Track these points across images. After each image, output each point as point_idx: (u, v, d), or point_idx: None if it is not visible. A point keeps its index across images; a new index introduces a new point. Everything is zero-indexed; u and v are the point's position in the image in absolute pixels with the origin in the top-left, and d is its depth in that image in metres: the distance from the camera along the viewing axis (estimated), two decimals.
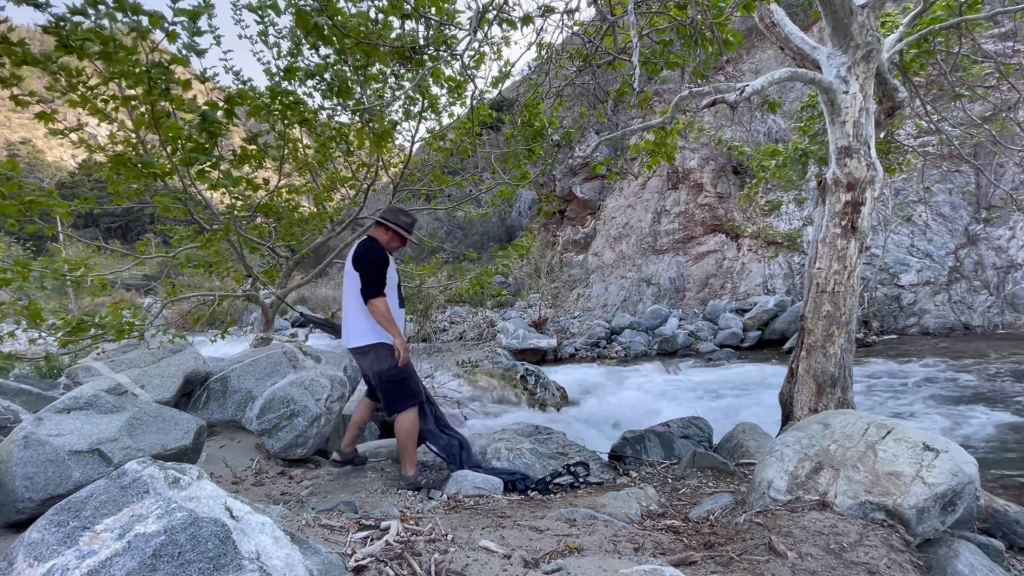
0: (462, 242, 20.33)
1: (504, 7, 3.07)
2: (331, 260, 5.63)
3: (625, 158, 6.47)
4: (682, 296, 14.17)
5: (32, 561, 1.01)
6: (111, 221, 35.51)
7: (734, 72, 15.50)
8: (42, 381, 4.68)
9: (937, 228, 11.05)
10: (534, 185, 17.58)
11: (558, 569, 1.50)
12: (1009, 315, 9.86)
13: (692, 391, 7.21)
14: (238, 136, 4.72)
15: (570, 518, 2.24)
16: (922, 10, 3.93)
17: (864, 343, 9.38)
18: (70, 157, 49.80)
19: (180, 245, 4.63)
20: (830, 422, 2.38)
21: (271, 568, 1.05)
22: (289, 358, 3.90)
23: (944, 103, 6.49)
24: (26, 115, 7.84)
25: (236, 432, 3.60)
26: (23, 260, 3.01)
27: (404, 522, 1.83)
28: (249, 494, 2.74)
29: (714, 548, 1.87)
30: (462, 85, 4.60)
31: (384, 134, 4.12)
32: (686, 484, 3.03)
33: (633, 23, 2.57)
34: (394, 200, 5.36)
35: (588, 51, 4.09)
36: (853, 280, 3.42)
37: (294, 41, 4.09)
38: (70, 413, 2.24)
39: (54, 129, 3.56)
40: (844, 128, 3.32)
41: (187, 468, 1.28)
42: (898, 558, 1.65)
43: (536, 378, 6.53)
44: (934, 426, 5.17)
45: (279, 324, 13.80)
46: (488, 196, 5.62)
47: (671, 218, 15.06)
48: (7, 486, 1.96)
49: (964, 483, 1.93)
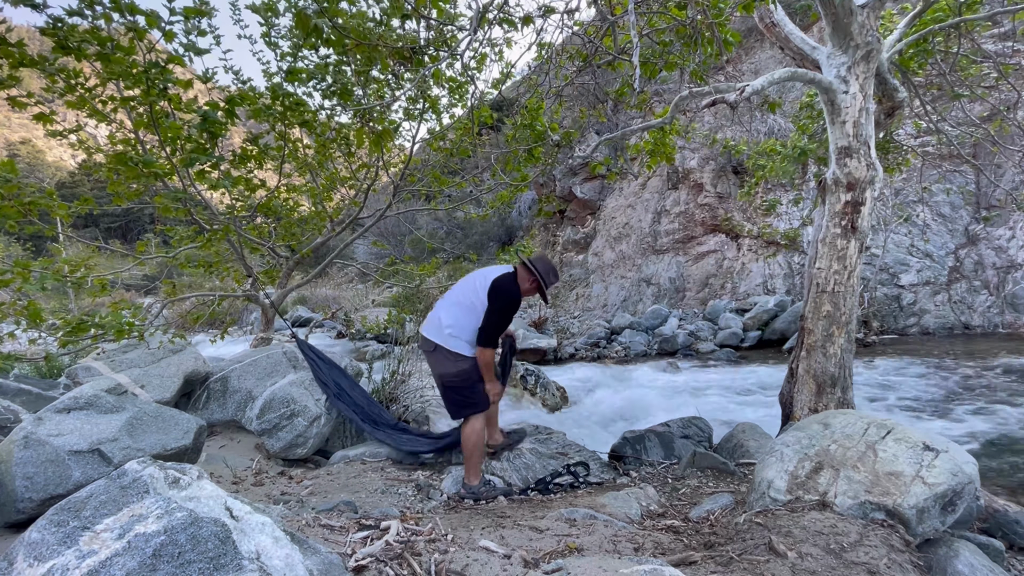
0: (462, 242, 20.33)
1: (504, 7, 3.07)
2: (331, 260, 5.63)
3: (625, 158, 6.47)
4: (682, 296, 14.17)
5: (32, 561, 1.01)
6: (111, 221, 35.52)
7: (734, 72, 15.49)
8: (42, 381, 4.67)
9: (937, 228, 11.05)
10: (534, 185, 17.59)
11: (558, 569, 1.50)
12: (1009, 315, 9.86)
13: (692, 391, 7.21)
14: (238, 136, 4.72)
15: (570, 518, 2.24)
16: (921, 10, 3.94)
17: (864, 343, 9.38)
18: (70, 157, 49.80)
19: (180, 245, 4.63)
20: (830, 422, 2.38)
21: (271, 568, 1.05)
22: (289, 358, 3.90)
23: (944, 103, 6.49)
24: (26, 115, 7.87)
25: (236, 432, 3.60)
26: (23, 261, 3.01)
27: (404, 522, 1.83)
28: (249, 494, 2.73)
29: (714, 548, 1.87)
30: (463, 86, 4.60)
31: (384, 133, 4.12)
32: (686, 484, 3.03)
33: (633, 23, 2.57)
34: (394, 200, 5.36)
35: (588, 51, 4.09)
36: (853, 280, 3.42)
37: (294, 42, 4.09)
38: (70, 413, 2.24)
39: (53, 130, 3.56)
40: (844, 128, 3.32)
41: (187, 468, 1.28)
42: (898, 558, 1.65)
43: (536, 378, 6.53)
44: (934, 426, 5.16)
45: (279, 324, 13.78)
46: (488, 197, 5.62)
47: (671, 218, 15.06)
48: (7, 486, 1.96)
49: (964, 483, 1.93)
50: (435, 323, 2.94)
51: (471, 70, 3.60)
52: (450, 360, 2.89)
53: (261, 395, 3.53)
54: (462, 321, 2.88)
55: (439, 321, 2.92)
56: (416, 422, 4.30)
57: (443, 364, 2.90)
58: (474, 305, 2.88)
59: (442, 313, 2.94)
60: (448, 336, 2.88)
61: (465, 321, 2.88)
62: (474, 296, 2.90)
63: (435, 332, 2.92)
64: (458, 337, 2.88)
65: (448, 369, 2.89)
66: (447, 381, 2.92)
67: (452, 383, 2.91)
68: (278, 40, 4.25)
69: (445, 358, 2.89)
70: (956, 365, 7.45)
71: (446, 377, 2.91)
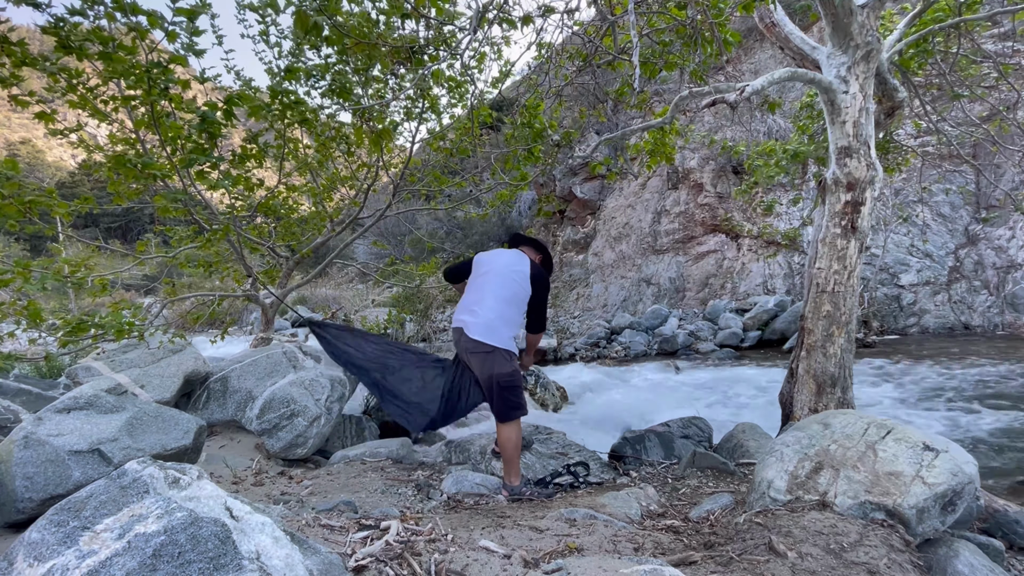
0: (462, 242, 20.32)
1: (504, 7, 3.08)
2: (331, 260, 5.63)
3: (625, 158, 6.48)
4: (682, 296, 14.17)
5: (32, 561, 1.01)
6: (111, 221, 35.52)
7: (734, 72, 15.49)
8: (42, 381, 4.67)
9: (937, 228, 11.05)
10: (534, 185, 17.59)
11: (558, 569, 1.50)
12: (1009, 315, 9.86)
13: (692, 391, 7.21)
14: (238, 136, 4.72)
15: (570, 518, 2.24)
16: (921, 10, 3.94)
17: (864, 343, 9.38)
18: (70, 157, 49.82)
19: (180, 245, 4.63)
20: (830, 422, 2.38)
21: (271, 568, 1.06)
22: (289, 358, 3.90)
23: (944, 103, 6.49)
24: (26, 115, 7.82)
25: (236, 432, 3.60)
26: (24, 260, 3.01)
27: (404, 522, 1.83)
28: (249, 494, 2.73)
29: (714, 548, 1.87)
30: (462, 85, 4.60)
31: (384, 133, 4.12)
32: (686, 484, 3.03)
33: (633, 23, 2.57)
34: (394, 200, 5.36)
35: (588, 51, 4.09)
36: (853, 280, 3.42)
37: (295, 41, 4.09)
38: (70, 413, 2.24)
39: (54, 129, 3.56)
40: (844, 128, 3.32)
41: (187, 468, 1.28)
42: (898, 558, 1.65)
43: (536, 378, 6.53)
44: (934, 426, 5.17)
45: (279, 324, 13.79)
46: (488, 197, 5.62)
47: (671, 218, 15.06)
48: (7, 486, 1.96)
49: (964, 483, 1.93)
50: (487, 325, 2.92)
51: (471, 69, 3.60)
52: (507, 360, 2.92)
53: (261, 395, 3.53)
54: (509, 317, 2.96)
55: (491, 323, 2.92)
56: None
57: (501, 364, 2.90)
58: (517, 296, 2.99)
59: (491, 315, 2.94)
60: (507, 338, 2.93)
61: (510, 316, 2.96)
62: (516, 288, 2.99)
63: (489, 334, 2.91)
64: (512, 336, 2.97)
65: (505, 369, 2.90)
66: (503, 381, 2.89)
67: (508, 383, 2.90)
68: (278, 40, 4.26)
69: (503, 358, 2.90)
70: (956, 365, 7.45)
71: (502, 377, 2.89)
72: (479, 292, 3.04)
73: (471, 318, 2.97)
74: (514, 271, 3.03)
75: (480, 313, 2.96)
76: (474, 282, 3.15)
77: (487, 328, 2.92)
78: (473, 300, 3.05)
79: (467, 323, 2.98)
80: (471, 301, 3.06)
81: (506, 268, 3.05)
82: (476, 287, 3.09)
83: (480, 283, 3.08)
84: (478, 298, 3.02)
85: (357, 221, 5.63)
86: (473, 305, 3.02)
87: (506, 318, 2.94)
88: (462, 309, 3.10)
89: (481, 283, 3.08)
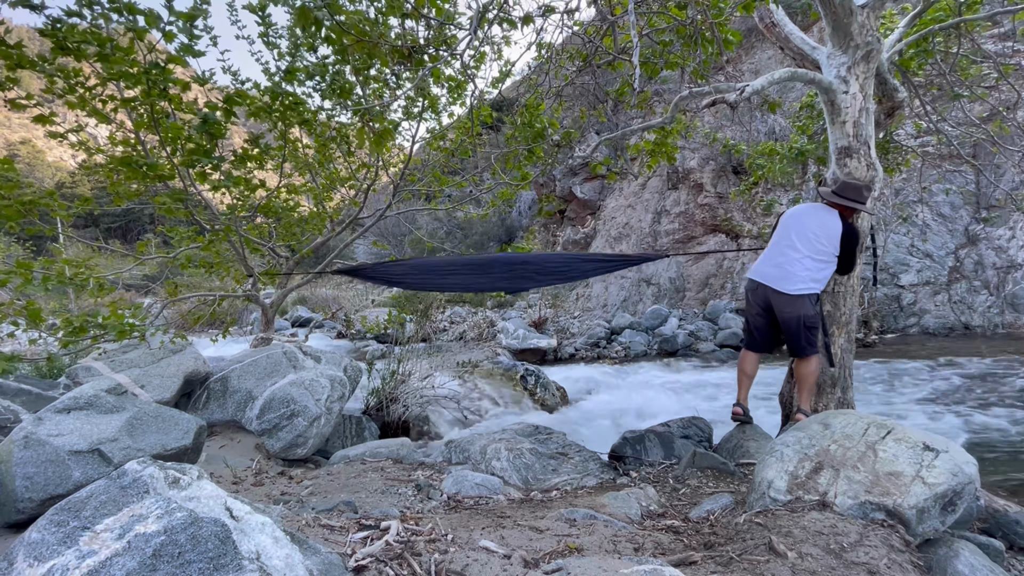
0: (462, 242, 20.32)
1: (504, 7, 3.07)
2: (331, 260, 5.63)
3: (625, 158, 6.48)
4: (682, 296, 14.16)
5: (32, 561, 1.01)
6: (111, 221, 35.49)
7: (734, 72, 15.49)
8: (42, 381, 4.67)
9: (937, 228, 11.04)
10: (534, 185, 17.58)
11: (558, 569, 1.50)
12: (1009, 315, 9.85)
13: (692, 391, 7.21)
14: (238, 136, 4.72)
15: (570, 518, 2.24)
16: (921, 10, 3.93)
17: (864, 343, 9.37)
18: (70, 157, 49.77)
19: (180, 245, 4.63)
20: (830, 422, 2.38)
21: (271, 568, 1.06)
22: (289, 358, 3.90)
23: (944, 103, 6.49)
24: (26, 115, 7.87)
25: (236, 432, 3.60)
26: (24, 261, 3.01)
27: (404, 522, 1.83)
28: (249, 494, 2.73)
29: (714, 548, 1.87)
30: (462, 85, 4.60)
31: (384, 133, 4.11)
32: (686, 484, 3.03)
33: (633, 23, 2.57)
34: (394, 200, 5.36)
35: (588, 51, 4.09)
36: (853, 280, 3.42)
37: (293, 41, 4.08)
38: (70, 413, 2.24)
39: (53, 132, 3.56)
40: (844, 128, 3.32)
41: (187, 468, 1.28)
42: (898, 558, 1.65)
43: (536, 378, 6.53)
44: (934, 426, 5.16)
45: (279, 324, 13.78)
46: (488, 196, 5.62)
47: (671, 218, 15.06)
48: (7, 486, 1.96)
49: (964, 483, 1.93)
50: (787, 276, 3.27)
51: (471, 69, 3.60)
52: (812, 303, 3.24)
53: (261, 395, 3.53)
54: (815, 271, 3.25)
55: (794, 274, 3.26)
56: (416, 424, 4.29)
57: (805, 307, 3.24)
58: (825, 251, 3.23)
59: (796, 267, 3.27)
60: (812, 283, 3.24)
61: (816, 270, 3.24)
62: (823, 244, 3.23)
63: (790, 283, 3.26)
64: (810, 280, 3.25)
65: (809, 311, 3.24)
66: (808, 322, 3.24)
67: (811, 323, 3.25)
68: (276, 40, 4.25)
69: (809, 302, 3.24)
70: (956, 365, 7.45)
71: (808, 319, 3.24)
72: (782, 250, 3.40)
73: (767, 275, 3.41)
74: (816, 231, 3.28)
75: (780, 269, 3.35)
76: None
77: (785, 279, 3.29)
78: (776, 259, 3.40)
79: (769, 279, 3.38)
80: (775, 260, 3.43)
81: (803, 230, 3.33)
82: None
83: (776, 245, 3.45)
84: (784, 256, 3.37)
85: (357, 221, 5.63)
86: (781, 264, 3.38)
87: (815, 274, 3.27)
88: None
89: (777, 244, 3.43)
